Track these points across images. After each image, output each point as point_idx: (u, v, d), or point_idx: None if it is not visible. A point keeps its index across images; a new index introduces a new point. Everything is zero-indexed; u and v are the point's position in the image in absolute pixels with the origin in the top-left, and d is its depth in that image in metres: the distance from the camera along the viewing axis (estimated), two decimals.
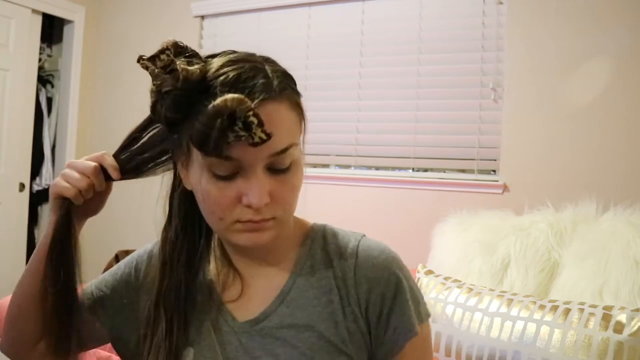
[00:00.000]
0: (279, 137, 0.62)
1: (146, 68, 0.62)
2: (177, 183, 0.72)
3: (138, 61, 0.62)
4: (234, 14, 3.10)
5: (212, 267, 0.76)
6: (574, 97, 2.24)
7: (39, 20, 3.27)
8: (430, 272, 1.85)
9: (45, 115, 3.51)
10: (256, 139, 0.58)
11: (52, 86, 3.60)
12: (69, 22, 3.44)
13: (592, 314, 1.44)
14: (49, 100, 3.57)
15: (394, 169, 2.70)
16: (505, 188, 2.37)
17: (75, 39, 3.44)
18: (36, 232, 3.62)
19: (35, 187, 3.47)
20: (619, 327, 1.39)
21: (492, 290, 1.69)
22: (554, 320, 1.47)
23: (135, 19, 3.43)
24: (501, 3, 2.44)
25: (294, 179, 0.66)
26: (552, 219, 1.90)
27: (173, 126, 0.63)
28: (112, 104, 3.48)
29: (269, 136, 0.59)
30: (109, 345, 2.07)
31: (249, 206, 0.63)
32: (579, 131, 2.24)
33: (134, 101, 3.40)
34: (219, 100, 0.57)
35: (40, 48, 3.39)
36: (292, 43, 2.88)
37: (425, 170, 2.64)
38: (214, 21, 3.19)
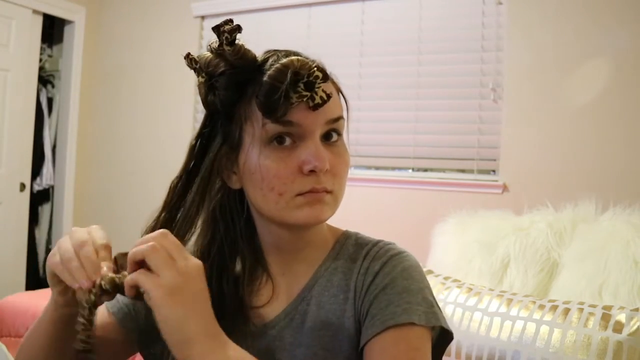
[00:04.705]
0: (334, 105, 0.67)
1: (192, 64, 0.66)
2: (217, 193, 0.72)
3: (185, 58, 0.66)
4: (234, 14, 3.10)
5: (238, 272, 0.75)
6: (573, 98, 2.25)
7: (39, 20, 3.28)
8: (430, 272, 1.85)
9: (46, 115, 3.52)
10: (317, 99, 0.63)
11: (53, 86, 3.60)
12: (70, 22, 3.44)
13: (591, 313, 1.45)
14: (50, 101, 3.57)
15: (393, 169, 2.70)
16: (504, 188, 2.37)
17: (76, 39, 3.44)
18: (36, 232, 3.63)
19: (36, 187, 3.48)
20: (618, 327, 1.39)
21: (492, 290, 1.70)
22: (554, 320, 1.47)
23: (136, 19, 3.43)
24: (501, 3, 2.44)
25: (345, 154, 0.70)
26: (552, 218, 1.90)
27: (229, 107, 0.66)
28: (112, 104, 3.49)
29: (328, 97, 0.64)
30: None
31: (311, 172, 0.65)
32: (578, 131, 2.25)
33: (134, 101, 3.40)
34: (285, 60, 0.63)
35: (41, 48, 3.40)
36: (292, 43, 2.84)
37: (425, 170, 2.64)
38: (214, 21, 3.17)
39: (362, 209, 2.61)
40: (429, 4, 2.61)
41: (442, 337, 0.70)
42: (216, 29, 0.64)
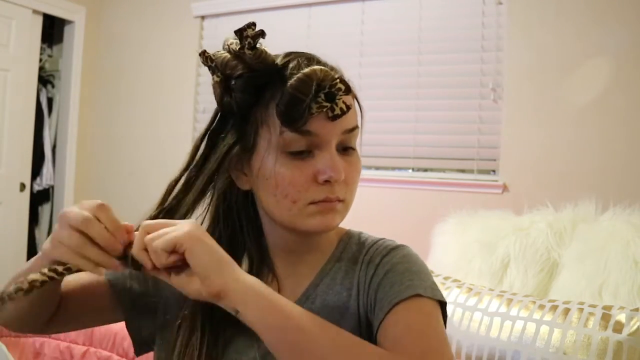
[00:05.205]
0: (351, 116, 0.67)
1: (208, 62, 0.66)
2: (225, 191, 0.72)
3: (200, 55, 0.66)
4: (234, 14, 3.10)
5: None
6: (574, 97, 2.25)
7: (39, 20, 3.28)
8: (430, 272, 1.85)
9: (46, 115, 3.52)
10: (337, 111, 0.63)
11: (53, 86, 3.60)
12: (70, 22, 3.44)
13: (591, 313, 1.45)
14: (50, 101, 3.57)
15: (393, 169, 2.70)
16: (504, 188, 2.37)
17: (76, 39, 3.44)
18: (36, 232, 3.62)
19: (36, 187, 3.48)
20: (618, 327, 1.39)
21: (492, 290, 1.70)
22: (554, 320, 1.47)
23: (136, 19, 3.43)
24: (501, 3, 2.44)
25: (358, 163, 0.70)
26: (552, 218, 1.90)
27: (245, 110, 0.66)
28: (112, 104, 3.49)
29: (348, 108, 0.64)
30: (109, 344, 2.05)
31: (326, 182, 0.65)
32: (578, 131, 2.25)
33: (134, 101, 3.40)
34: (307, 69, 0.62)
35: (41, 48, 3.40)
36: (292, 43, 2.85)
37: (425, 170, 2.64)
38: (214, 21, 3.19)
39: (362, 209, 2.60)
40: (429, 4, 2.61)
41: None
42: (239, 33, 0.63)
